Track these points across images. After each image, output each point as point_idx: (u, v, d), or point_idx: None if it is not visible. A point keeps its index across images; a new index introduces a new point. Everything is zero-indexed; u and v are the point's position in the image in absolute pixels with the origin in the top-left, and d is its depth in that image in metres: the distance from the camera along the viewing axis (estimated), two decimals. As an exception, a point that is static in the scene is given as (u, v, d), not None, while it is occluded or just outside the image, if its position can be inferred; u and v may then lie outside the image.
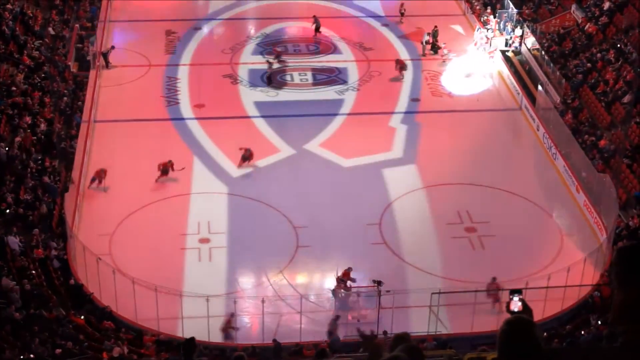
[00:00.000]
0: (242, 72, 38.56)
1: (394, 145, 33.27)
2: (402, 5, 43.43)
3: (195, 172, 31.20)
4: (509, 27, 40.80)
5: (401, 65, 38.42)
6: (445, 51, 40.27)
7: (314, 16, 42.13)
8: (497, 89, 38.06)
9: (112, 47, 38.90)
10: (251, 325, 24.91)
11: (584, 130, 32.65)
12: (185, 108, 35.58)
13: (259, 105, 35.96)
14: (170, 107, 35.69)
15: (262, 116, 35.07)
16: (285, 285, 26.01)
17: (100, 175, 29.86)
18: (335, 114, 35.35)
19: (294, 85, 37.88)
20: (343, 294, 25.43)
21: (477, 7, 43.95)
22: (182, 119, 34.76)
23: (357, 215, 29.04)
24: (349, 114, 35.45)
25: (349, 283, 25.34)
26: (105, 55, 38.28)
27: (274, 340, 23.17)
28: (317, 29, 41.88)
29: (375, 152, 32.72)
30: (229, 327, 23.82)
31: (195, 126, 34.24)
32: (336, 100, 36.52)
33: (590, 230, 28.48)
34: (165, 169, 30.22)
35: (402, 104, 36.43)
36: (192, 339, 8.93)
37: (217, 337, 23.77)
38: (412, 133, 34.30)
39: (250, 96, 36.71)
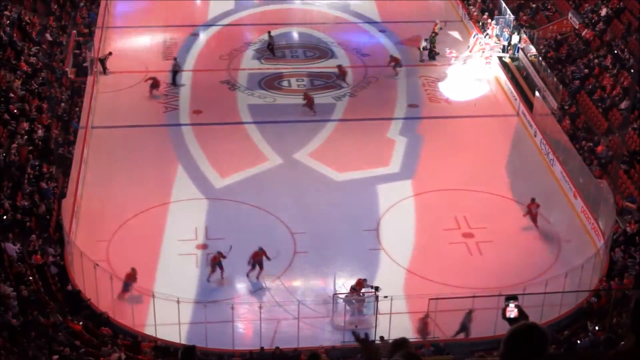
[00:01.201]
0: (240, 78, 38.60)
1: (391, 150, 33.26)
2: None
3: (193, 178, 31.18)
4: (506, 33, 40.87)
5: (395, 63, 38.72)
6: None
7: (269, 32, 41.37)
8: (495, 95, 38.10)
9: (110, 53, 38.91)
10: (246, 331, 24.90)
11: (581, 136, 32.70)
12: (183, 114, 35.57)
13: (256, 109, 35.99)
14: (168, 113, 35.68)
15: (259, 122, 35.07)
16: (283, 291, 25.97)
17: (131, 278, 25.26)
18: (331, 120, 35.39)
19: (291, 91, 37.90)
20: (355, 303, 25.31)
21: (475, 14, 44.02)
22: (180, 125, 34.73)
23: (355, 221, 29.06)
24: (345, 120, 35.47)
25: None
26: (102, 61, 38.27)
27: (277, 348, 23.09)
28: (270, 47, 40.86)
29: (372, 157, 32.74)
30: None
31: (192, 132, 34.20)
32: (333, 105, 36.54)
33: (587, 236, 28.49)
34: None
35: (400, 109, 36.47)
36: (193, 347, 8.81)
37: (214, 343, 23.75)
38: (409, 138, 34.28)
39: (247, 102, 36.72)
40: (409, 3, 46.42)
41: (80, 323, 23.17)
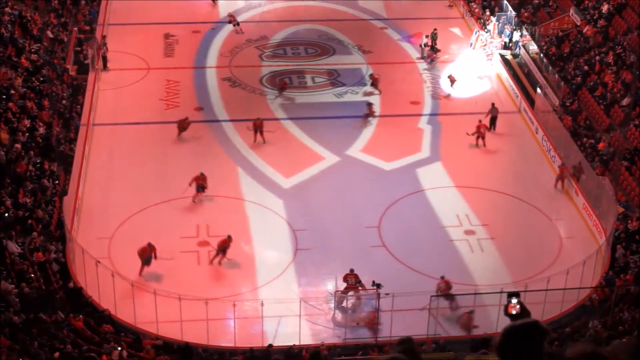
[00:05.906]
0: (242, 75, 38.56)
1: (391, 149, 33.24)
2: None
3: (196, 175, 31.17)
4: (508, 29, 40.82)
5: (373, 82, 37.42)
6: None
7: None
8: (496, 92, 38.05)
9: (104, 38, 38.78)
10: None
11: (582, 133, 32.68)
12: (185, 111, 35.52)
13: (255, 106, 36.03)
14: (170, 110, 35.65)
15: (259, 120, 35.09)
16: (285, 288, 25.98)
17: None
18: (332, 117, 35.41)
19: (293, 88, 37.86)
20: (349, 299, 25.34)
21: (476, 10, 43.97)
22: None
23: (356, 218, 29.07)
24: (343, 117, 35.47)
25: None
26: (103, 57, 38.20)
27: (270, 345, 23.10)
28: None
29: (374, 155, 32.74)
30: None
31: (195, 130, 34.19)
32: (334, 103, 36.53)
33: (589, 233, 28.49)
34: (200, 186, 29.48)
35: (401, 106, 36.43)
36: (186, 344, 8.79)
37: (216, 340, 23.77)
38: (409, 136, 34.29)
39: (249, 100, 36.73)
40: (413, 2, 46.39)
41: (82, 320, 23.16)
